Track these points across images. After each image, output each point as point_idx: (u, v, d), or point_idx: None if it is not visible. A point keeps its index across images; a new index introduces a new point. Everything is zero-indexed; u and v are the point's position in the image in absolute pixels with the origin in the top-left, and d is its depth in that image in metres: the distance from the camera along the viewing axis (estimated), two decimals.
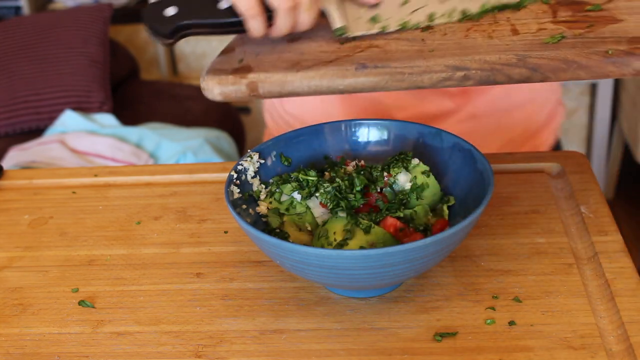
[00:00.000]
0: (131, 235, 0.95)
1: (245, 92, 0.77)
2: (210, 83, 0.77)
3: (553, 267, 0.85)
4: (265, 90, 0.77)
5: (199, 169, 1.06)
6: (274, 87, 0.77)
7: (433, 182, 0.86)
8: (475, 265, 0.86)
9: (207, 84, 0.78)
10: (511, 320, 0.79)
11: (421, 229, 0.83)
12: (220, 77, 0.77)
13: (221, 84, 0.77)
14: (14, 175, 1.09)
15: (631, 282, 0.82)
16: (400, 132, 0.92)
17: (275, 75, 0.76)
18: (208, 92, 0.78)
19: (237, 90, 0.77)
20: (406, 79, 0.76)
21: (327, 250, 0.74)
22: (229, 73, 0.78)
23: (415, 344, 0.77)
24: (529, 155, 1.03)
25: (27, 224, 0.99)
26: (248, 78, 0.77)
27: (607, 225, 0.90)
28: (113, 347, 0.79)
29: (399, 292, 0.83)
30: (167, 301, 0.85)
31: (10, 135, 2.31)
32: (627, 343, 0.75)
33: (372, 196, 0.85)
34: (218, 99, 0.78)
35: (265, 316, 0.81)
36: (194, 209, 0.99)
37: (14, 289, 0.88)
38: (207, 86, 0.78)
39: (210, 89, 0.78)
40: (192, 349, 0.78)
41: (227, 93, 0.77)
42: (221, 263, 0.90)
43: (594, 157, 2.59)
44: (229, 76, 0.77)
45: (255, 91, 0.77)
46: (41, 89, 2.33)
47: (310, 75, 0.76)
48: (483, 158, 0.84)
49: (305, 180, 0.85)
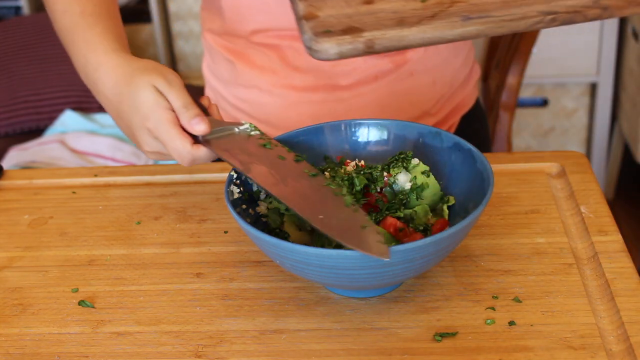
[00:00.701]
0: (131, 235, 0.95)
1: (361, 50, 0.82)
2: (326, 44, 0.81)
3: (553, 267, 0.85)
4: (382, 46, 0.82)
5: (199, 169, 1.06)
6: (390, 43, 0.82)
7: (433, 182, 0.86)
8: (475, 265, 0.86)
9: (322, 45, 0.82)
10: (511, 320, 0.79)
11: (421, 229, 0.83)
12: (337, 38, 0.82)
13: (339, 44, 0.81)
14: (14, 175, 1.09)
15: (631, 282, 0.82)
16: (400, 132, 0.92)
17: (390, 32, 0.82)
18: (322, 53, 0.82)
19: (353, 49, 0.82)
20: (506, 25, 0.84)
21: (327, 250, 0.74)
22: (339, 34, 0.82)
23: (415, 344, 0.77)
24: (529, 155, 1.03)
25: (27, 224, 0.99)
26: (364, 36, 0.82)
27: (607, 225, 0.90)
28: (113, 347, 0.79)
29: (399, 292, 0.83)
30: (167, 301, 0.85)
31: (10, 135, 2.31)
32: (627, 343, 0.75)
33: (372, 196, 0.85)
34: (333, 58, 0.82)
35: (265, 316, 0.81)
36: (194, 209, 0.99)
37: (14, 289, 0.88)
38: (322, 47, 0.82)
39: (326, 49, 0.82)
40: (192, 349, 0.78)
41: (344, 52, 0.82)
42: (221, 263, 0.90)
43: (594, 157, 2.59)
44: (345, 36, 0.82)
45: (371, 48, 0.82)
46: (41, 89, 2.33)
47: (424, 29, 0.83)
48: (483, 158, 0.84)
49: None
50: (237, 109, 1.22)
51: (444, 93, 1.21)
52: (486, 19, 0.84)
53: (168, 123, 0.85)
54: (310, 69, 1.13)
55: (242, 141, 0.87)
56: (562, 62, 2.47)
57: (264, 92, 1.17)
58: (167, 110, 0.85)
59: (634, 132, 2.37)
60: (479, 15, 0.84)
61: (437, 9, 0.86)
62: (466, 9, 0.85)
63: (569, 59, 2.47)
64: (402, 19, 0.84)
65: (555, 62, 2.47)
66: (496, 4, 0.86)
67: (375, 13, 0.86)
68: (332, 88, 1.14)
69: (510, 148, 1.53)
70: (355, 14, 0.86)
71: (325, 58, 0.82)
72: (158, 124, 0.85)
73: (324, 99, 1.15)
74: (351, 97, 1.14)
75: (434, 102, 1.20)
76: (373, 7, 0.87)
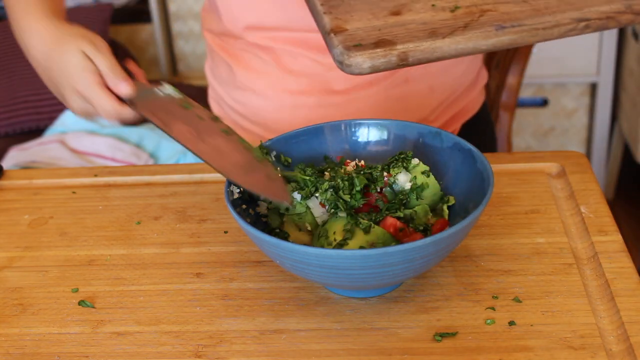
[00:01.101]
0: (131, 235, 0.95)
1: (394, 63, 0.82)
2: (360, 58, 0.81)
3: (553, 267, 0.85)
4: (415, 59, 0.82)
5: (199, 169, 1.06)
6: (424, 55, 0.82)
7: (433, 182, 0.86)
8: (475, 265, 0.86)
9: (355, 59, 0.81)
10: (511, 320, 0.79)
11: (421, 229, 0.83)
12: (369, 52, 0.81)
13: (372, 58, 0.81)
14: (14, 175, 1.09)
15: (631, 282, 0.82)
16: (400, 132, 0.92)
17: (423, 44, 0.82)
18: (354, 67, 0.82)
19: (387, 62, 0.81)
20: (539, 33, 0.84)
21: (326, 250, 0.74)
22: (371, 47, 0.82)
23: (415, 344, 0.77)
24: (529, 155, 1.03)
25: (27, 224, 0.99)
26: (397, 49, 0.81)
27: (607, 225, 0.90)
28: (113, 347, 0.79)
29: (399, 292, 0.83)
30: (167, 301, 0.85)
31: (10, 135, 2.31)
32: (627, 343, 0.75)
33: (372, 196, 0.85)
34: (366, 72, 0.82)
35: (265, 316, 0.81)
36: (194, 209, 0.99)
37: (14, 289, 0.88)
38: (355, 62, 0.81)
39: (358, 64, 0.81)
40: (192, 349, 0.78)
41: (377, 65, 0.81)
42: (221, 263, 0.90)
43: (594, 157, 2.59)
44: (377, 50, 0.81)
45: (405, 60, 0.82)
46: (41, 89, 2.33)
47: (457, 40, 0.83)
48: (483, 158, 0.84)
49: (304, 180, 0.85)
50: (235, 112, 1.22)
51: (443, 100, 1.20)
52: (519, 28, 0.84)
53: (95, 85, 0.92)
54: (304, 72, 1.13)
55: (164, 102, 0.92)
56: (562, 62, 2.47)
57: (259, 95, 1.17)
58: (94, 73, 0.92)
59: (634, 132, 2.37)
60: (512, 25, 0.84)
61: (468, 19, 0.85)
62: (498, 18, 0.85)
63: (569, 59, 2.47)
64: (434, 30, 0.84)
65: (555, 62, 2.47)
66: (527, 13, 0.86)
67: (404, 25, 0.85)
68: (326, 92, 1.14)
69: (510, 148, 1.53)
70: (385, 26, 0.85)
71: (358, 72, 0.82)
72: (86, 86, 0.92)
73: (319, 103, 1.14)
74: (346, 102, 1.14)
75: (431, 108, 1.19)
76: (401, 19, 0.86)
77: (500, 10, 0.86)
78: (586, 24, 0.85)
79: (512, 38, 0.84)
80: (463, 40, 0.83)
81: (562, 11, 0.86)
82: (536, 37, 0.85)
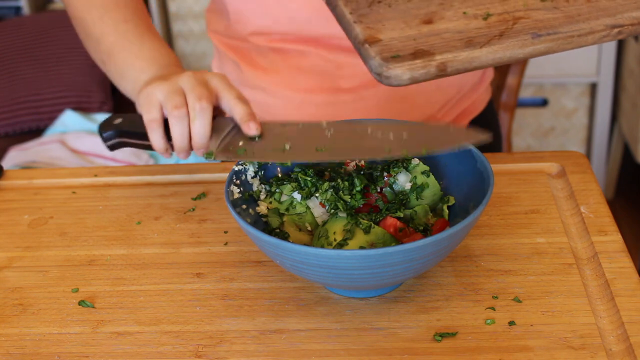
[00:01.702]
0: (131, 235, 0.95)
1: (433, 73, 0.81)
2: (399, 70, 0.80)
3: (553, 267, 0.85)
4: (454, 69, 0.82)
5: (199, 169, 1.06)
6: (462, 65, 0.82)
7: (433, 182, 0.86)
8: (475, 265, 0.86)
9: (394, 71, 0.80)
10: (511, 320, 0.79)
11: (421, 229, 0.83)
12: (408, 63, 0.81)
13: (411, 70, 0.80)
14: (14, 175, 1.09)
15: (631, 282, 0.82)
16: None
17: (462, 54, 0.81)
18: (393, 79, 0.81)
19: (426, 73, 0.81)
20: (574, 41, 0.84)
21: (326, 250, 0.74)
22: (410, 59, 0.81)
23: (415, 344, 0.77)
24: (529, 155, 1.03)
25: (27, 224, 0.99)
26: (436, 60, 0.81)
27: (607, 225, 0.90)
28: (113, 347, 0.79)
29: (399, 292, 0.83)
30: (167, 301, 0.85)
31: (10, 135, 2.31)
32: (627, 343, 0.75)
33: (372, 196, 0.85)
34: (405, 84, 0.81)
35: (265, 316, 0.81)
36: (194, 209, 0.99)
37: (14, 289, 0.88)
38: (394, 74, 0.81)
39: (398, 75, 0.81)
40: (192, 349, 0.78)
41: (416, 77, 0.81)
42: (221, 263, 0.90)
43: (594, 157, 2.59)
44: (416, 61, 0.81)
45: (443, 71, 0.81)
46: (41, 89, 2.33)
47: (495, 49, 0.82)
48: (483, 158, 0.84)
49: (305, 180, 0.85)
50: None
51: (450, 98, 1.20)
52: (555, 36, 0.83)
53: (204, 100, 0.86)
54: (313, 70, 1.13)
55: None
56: (562, 62, 2.47)
57: (267, 93, 1.17)
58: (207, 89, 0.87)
59: (634, 132, 2.37)
60: (547, 33, 0.84)
61: (502, 27, 0.85)
62: (532, 25, 0.85)
63: (569, 59, 2.47)
64: (470, 39, 0.83)
65: (555, 62, 2.47)
66: (560, 20, 0.86)
67: (439, 34, 0.85)
68: (334, 90, 1.14)
69: (510, 148, 1.53)
70: (419, 36, 0.84)
71: (397, 84, 0.81)
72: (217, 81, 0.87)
73: (326, 101, 1.15)
74: (353, 101, 1.14)
75: (438, 106, 1.19)
76: (435, 28, 0.86)
77: (533, 17, 0.86)
78: (619, 30, 0.85)
79: (548, 46, 0.84)
80: (500, 50, 0.82)
81: (595, 18, 0.86)
82: (571, 44, 0.85)
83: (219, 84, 0.88)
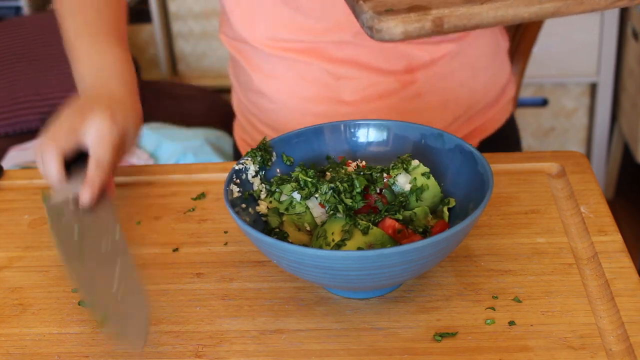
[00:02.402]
0: (131, 235, 0.95)
1: (428, 29, 0.76)
2: (391, 23, 0.75)
3: (553, 267, 0.85)
4: (451, 25, 0.77)
5: (199, 169, 1.06)
6: (460, 21, 0.77)
7: (433, 183, 0.86)
8: (475, 265, 0.86)
9: (386, 24, 0.76)
10: (511, 320, 0.79)
11: (420, 230, 0.83)
12: (402, 16, 0.76)
13: (405, 23, 0.75)
14: (14, 175, 1.09)
15: (631, 282, 0.82)
16: (402, 132, 0.92)
17: (460, 9, 0.76)
18: (385, 32, 0.76)
19: (421, 28, 0.76)
20: (585, 1, 0.79)
21: (322, 251, 0.74)
22: (404, 12, 0.76)
23: (415, 344, 0.77)
24: (529, 155, 1.03)
25: (27, 224, 0.99)
26: (432, 14, 0.76)
27: (607, 225, 0.90)
28: (113, 347, 0.79)
29: (399, 292, 0.83)
30: (167, 301, 0.85)
31: (10, 135, 2.31)
32: (627, 343, 0.75)
33: (372, 197, 0.85)
34: (398, 38, 0.76)
35: (265, 316, 0.81)
36: (194, 209, 0.99)
37: (14, 289, 0.88)
38: (386, 26, 0.76)
39: (390, 28, 0.76)
40: (192, 349, 0.78)
41: (410, 31, 0.76)
42: (221, 263, 0.90)
43: (594, 157, 2.59)
44: (410, 14, 0.76)
45: (440, 26, 0.77)
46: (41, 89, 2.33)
47: (497, 6, 0.77)
48: (484, 160, 0.84)
49: (305, 181, 0.85)
50: (251, 113, 1.23)
51: (459, 115, 1.17)
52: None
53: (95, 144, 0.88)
54: (315, 78, 1.13)
55: None
56: (562, 62, 2.47)
57: (268, 99, 1.17)
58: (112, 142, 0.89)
59: (634, 132, 2.37)
60: None
61: None
62: None
63: (569, 59, 2.47)
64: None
65: (555, 62, 2.47)
66: None
67: None
68: (335, 102, 1.14)
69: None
70: None
71: (389, 39, 0.76)
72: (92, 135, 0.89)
73: (326, 112, 1.14)
74: (354, 114, 1.13)
75: (445, 124, 1.17)
76: None
77: None
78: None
79: (556, 6, 0.78)
80: (503, 7, 0.77)
81: None
82: (583, 5, 0.79)
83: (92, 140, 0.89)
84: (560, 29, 2.40)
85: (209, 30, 2.72)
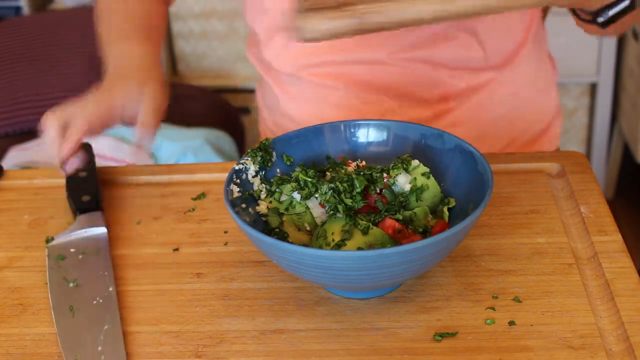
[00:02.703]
0: (131, 235, 0.95)
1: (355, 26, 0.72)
2: (315, 20, 0.71)
3: (553, 267, 0.85)
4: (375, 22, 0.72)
5: (199, 169, 1.06)
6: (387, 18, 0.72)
7: (433, 183, 0.86)
8: (475, 265, 0.86)
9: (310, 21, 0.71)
10: (511, 320, 0.79)
11: (420, 230, 0.83)
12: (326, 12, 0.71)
13: (330, 19, 0.71)
14: (14, 175, 1.09)
15: (631, 282, 0.82)
16: (402, 132, 0.92)
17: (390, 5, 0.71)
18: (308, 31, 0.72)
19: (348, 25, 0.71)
20: None
21: (322, 251, 0.74)
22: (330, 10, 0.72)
23: (415, 344, 0.77)
24: (529, 155, 1.03)
25: (27, 224, 0.99)
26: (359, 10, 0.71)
27: (607, 225, 0.90)
28: None
29: (399, 292, 0.83)
30: (167, 301, 0.85)
31: (10, 135, 2.31)
32: (627, 343, 0.75)
33: (372, 197, 0.85)
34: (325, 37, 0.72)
35: (265, 316, 0.81)
36: (194, 209, 0.99)
37: (14, 289, 0.88)
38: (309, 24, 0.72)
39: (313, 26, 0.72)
40: (192, 349, 0.78)
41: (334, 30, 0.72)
42: (221, 263, 0.90)
43: (594, 157, 2.59)
44: (335, 11, 0.71)
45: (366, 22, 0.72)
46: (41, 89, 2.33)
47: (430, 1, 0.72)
48: (484, 161, 0.84)
49: (305, 181, 0.85)
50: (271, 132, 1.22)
51: (501, 148, 1.12)
52: None
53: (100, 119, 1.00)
54: (342, 104, 1.11)
55: None
56: (562, 62, 2.47)
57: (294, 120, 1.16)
58: None
59: (634, 132, 2.37)
60: None
61: None
62: None
63: (569, 59, 2.47)
64: None
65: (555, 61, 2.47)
66: None
67: None
68: None
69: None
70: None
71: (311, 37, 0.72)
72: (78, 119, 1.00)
73: None
74: None
75: None
76: None
77: None
78: None
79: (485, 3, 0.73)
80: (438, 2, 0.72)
81: None
82: None
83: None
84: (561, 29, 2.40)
85: (209, 30, 2.72)
